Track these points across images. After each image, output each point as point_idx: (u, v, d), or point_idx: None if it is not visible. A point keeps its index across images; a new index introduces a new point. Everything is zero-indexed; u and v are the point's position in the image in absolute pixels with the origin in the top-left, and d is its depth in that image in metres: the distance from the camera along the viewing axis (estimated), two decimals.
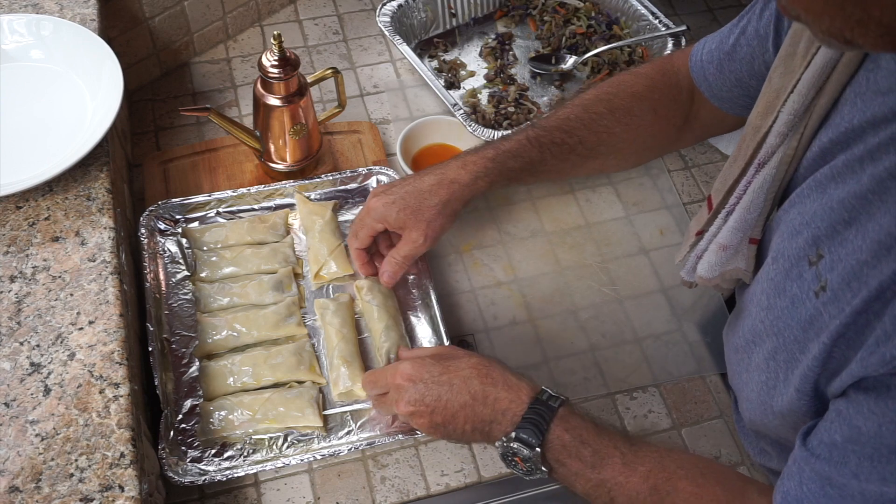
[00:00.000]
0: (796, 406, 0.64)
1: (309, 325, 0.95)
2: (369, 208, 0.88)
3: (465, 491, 0.88)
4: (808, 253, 0.63)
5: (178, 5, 1.13)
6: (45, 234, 0.84)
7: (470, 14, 1.28)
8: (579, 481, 0.70)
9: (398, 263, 0.89)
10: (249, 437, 0.86)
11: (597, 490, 0.69)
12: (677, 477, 0.68)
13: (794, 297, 0.64)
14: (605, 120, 0.88)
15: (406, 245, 0.87)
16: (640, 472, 0.68)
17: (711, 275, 0.77)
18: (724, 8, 1.39)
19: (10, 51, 0.96)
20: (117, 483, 0.69)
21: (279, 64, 0.96)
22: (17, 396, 0.73)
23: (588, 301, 1.02)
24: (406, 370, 0.75)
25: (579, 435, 0.70)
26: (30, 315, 0.78)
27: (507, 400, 0.72)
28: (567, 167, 0.90)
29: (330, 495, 0.86)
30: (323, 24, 1.29)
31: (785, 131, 0.67)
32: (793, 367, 0.64)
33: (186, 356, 0.90)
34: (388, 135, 1.16)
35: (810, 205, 0.64)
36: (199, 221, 1.01)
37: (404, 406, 0.75)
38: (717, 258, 0.76)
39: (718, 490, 0.67)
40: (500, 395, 0.72)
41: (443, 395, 0.73)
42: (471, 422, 0.73)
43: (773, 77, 0.70)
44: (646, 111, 0.88)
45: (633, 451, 0.69)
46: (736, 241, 0.74)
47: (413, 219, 0.85)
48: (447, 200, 0.85)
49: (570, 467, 0.70)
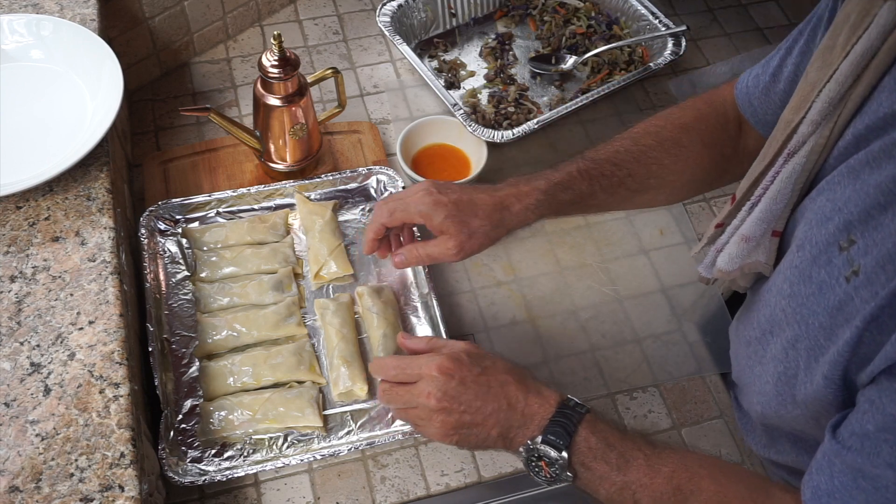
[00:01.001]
0: (822, 395, 0.63)
1: (309, 325, 0.95)
2: (417, 200, 0.83)
3: (465, 491, 0.88)
4: (838, 238, 0.62)
5: (178, 5, 1.13)
6: (45, 234, 0.84)
7: (470, 14, 1.28)
8: (604, 485, 0.70)
9: (419, 258, 0.84)
10: (249, 437, 0.86)
11: (621, 493, 0.69)
12: (700, 476, 0.68)
13: (822, 284, 0.63)
14: (654, 152, 0.86)
15: (438, 248, 0.82)
16: (663, 472, 0.68)
17: (731, 267, 0.76)
18: (724, 8, 1.39)
19: (10, 51, 0.96)
20: (117, 483, 0.69)
21: (279, 64, 0.96)
22: (17, 396, 0.73)
23: (588, 301, 1.02)
24: (445, 364, 0.73)
25: (605, 438, 0.70)
26: (30, 315, 0.78)
27: (536, 405, 0.72)
28: (616, 200, 0.88)
29: (330, 495, 0.86)
30: (323, 24, 1.29)
31: (818, 120, 0.67)
32: (816, 354, 0.64)
33: (186, 356, 0.90)
34: (388, 135, 1.16)
35: (841, 191, 0.64)
36: (199, 221, 1.01)
37: (435, 400, 0.72)
38: (738, 250, 0.75)
39: (741, 488, 0.67)
40: (531, 400, 0.72)
41: (480, 395, 0.72)
42: (499, 426, 0.73)
43: (810, 72, 0.69)
44: (694, 142, 0.87)
45: (655, 453, 0.70)
46: (759, 233, 0.73)
47: (455, 228, 0.81)
48: (495, 225, 0.83)
49: (596, 471, 0.70)
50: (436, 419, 0.73)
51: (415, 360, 0.75)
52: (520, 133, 1.06)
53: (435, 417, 0.73)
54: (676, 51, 1.17)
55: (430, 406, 0.72)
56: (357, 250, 1.01)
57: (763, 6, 1.40)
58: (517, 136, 1.06)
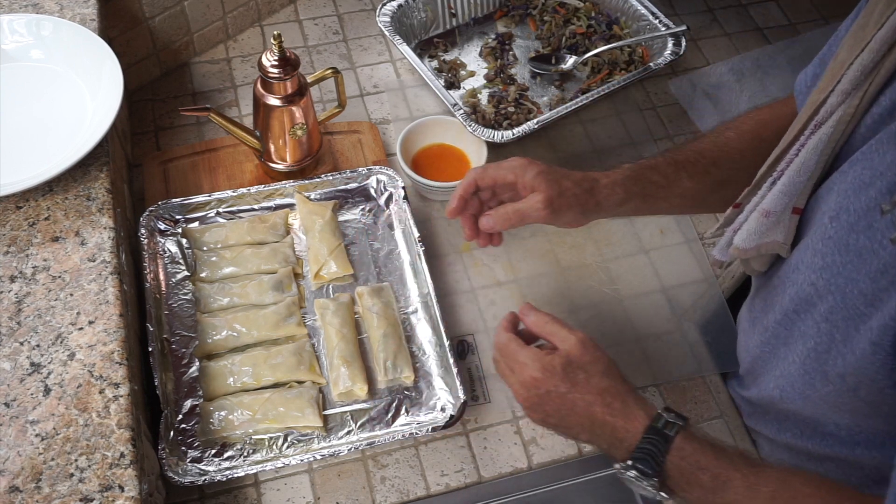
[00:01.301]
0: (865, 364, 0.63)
1: (309, 325, 0.95)
2: (509, 161, 0.83)
3: (465, 491, 0.88)
4: (879, 202, 0.62)
5: (178, 5, 1.13)
6: (45, 234, 0.84)
7: (470, 14, 1.28)
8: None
9: (506, 216, 0.82)
10: (249, 437, 0.86)
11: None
12: (803, 495, 0.66)
13: (862, 250, 0.63)
14: (735, 143, 0.87)
15: (526, 203, 0.81)
16: (763, 493, 0.66)
17: (749, 245, 0.76)
18: (724, 8, 1.39)
19: (10, 51, 0.96)
20: (117, 483, 0.69)
21: (279, 64, 0.96)
22: (17, 396, 0.73)
23: (588, 301, 1.02)
24: (534, 375, 0.74)
25: (696, 461, 0.69)
26: (30, 315, 0.78)
27: (623, 430, 0.72)
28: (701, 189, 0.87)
29: (330, 495, 0.86)
30: (323, 24, 1.29)
31: (848, 89, 0.67)
32: (857, 323, 0.63)
33: (186, 356, 0.90)
34: (388, 135, 1.16)
35: (881, 159, 0.63)
36: (199, 221, 1.01)
37: (522, 399, 0.76)
38: (757, 225, 0.75)
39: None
40: (617, 423, 0.72)
41: (563, 410, 0.74)
42: (586, 436, 0.75)
43: (841, 51, 0.69)
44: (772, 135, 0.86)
45: (754, 472, 0.68)
46: (780, 208, 0.73)
47: (546, 185, 0.80)
48: (585, 191, 0.82)
49: (690, 494, 0.69)
50: (524, 405, 0.77)
51: (516, 355, 0.76)
52: (520, 133, 1.06)
53: (525, 411, 0.77)
54: (676, 51, 1.17)
55: (519, 402, 0.77)
56: (357, 250, 1.02)
57: (763, 6, 1.40)
58: (517, 136, 1.06)
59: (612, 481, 0.89)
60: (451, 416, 0.87)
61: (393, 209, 1.04)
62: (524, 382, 0.75)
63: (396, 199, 1.03)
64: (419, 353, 0.94)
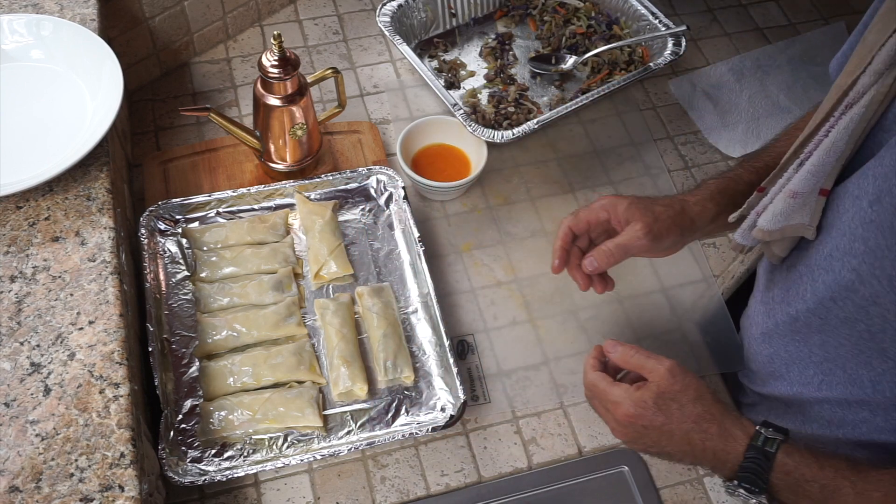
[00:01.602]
0: None
1: (309, 325, 0.95)
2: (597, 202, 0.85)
3: (465, 491, 0.88)
4: None
5: (178, 5, 1.13)
6: (45, 234, 0.84)
7: (470, 14, 1.28)
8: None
9: (609, 252, 0.83)
10: (249, 437, 0.86)
11: None
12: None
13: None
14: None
15: (626, 236, 0.82)
16: (875, 498, 0.67)
17: (774, 226, 0.75)
18: (724, 8, 1.39)
19: (10, 51, 0.96)
20: (117, 483, 0.69)
21: (279, 64, 0.96)
22: (17, 396, 0.73)
23: (588, 301, 1.02)
24: (629, 412, 0.74)
25: (801, 474, 0.69)
26: (30, 315, 0.78)
27: (724, 452, 0.72)
28: None
29: (330, 495, 0.86)
30: (323, 24, 1.29)
31: (881, 69, 0.67)
32: None
33: (186, 356, 0.90)
34: (388, 135, 1.16)
35: None
36: (199, 221, 1.01)
37: (621, 434, 0.77)
38: (784, 206, 0.74)
39: None
40: (717, 447, 0.72)
41: (662, 441, 0.75)
42: (689, 459, 0.75)
43: (868, 36, 0.69)
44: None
45: (862, 478, 0.68)
46: (808, 189, 0.72)
47: (640, 213, 0.82)
48: (677, 212, 0.83)
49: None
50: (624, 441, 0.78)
51: (607, 394, 0.76)
52: (520, 133, 1.06)
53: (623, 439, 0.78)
54: (676, 51, 1.17)
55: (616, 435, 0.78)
56: (357, 250, 1.01)
57: (763, 6, 1.40)
58: (517, 136, 1.06)
59: (612, 481, 0.89)
60: (451, 416, 0.87)
61: (393, 209, 1.04)
62: (620, 420, 0.75)
63: (396, 199, 1.03)
64: (419, 353, 0.94)
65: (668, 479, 0.89)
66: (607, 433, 0.92)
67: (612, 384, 0.77)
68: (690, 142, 1.20)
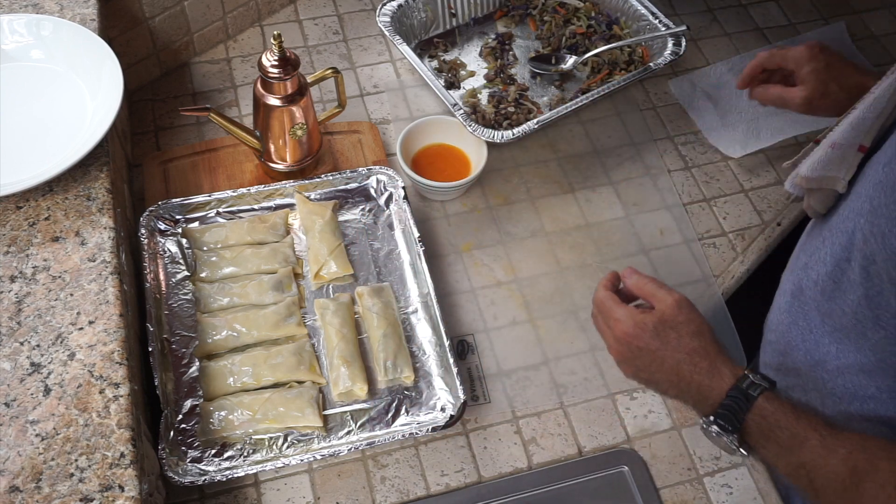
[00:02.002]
0: None
1: (309, 325, 0.95)
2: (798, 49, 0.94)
3: (465, 491, 0.88)
4: None
5: (178, 5, 1.13)
6: (45, 234, 0.84)
7: (470, 14, 1.28)
8: (779, 463, 0.72)
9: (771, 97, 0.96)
10: (249, 437, 0.86)
11: (796, 472, 0.70)
12: (879, 458, 0.66)
13: None
14: None
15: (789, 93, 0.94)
16: (839, 453, 0.68)
17: (812, 173, 0.77)
18: (724, 8, 1.39)
19: (10, 51, 0.96)
20: (117, 483, 0.69)
21: (279, 64, 0.96)
22: (17, 396, 0.73)
23: (588, 301, 1.01)
24: (627, 330, 0.77)
25: (776, 420, 0.71)
26: (30, 315, 0.78)
27: (708, 388, 0.74)
28: None
29: (330, 495, 0.86)
30: (323, 24, 1.29)
31: None
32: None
33: (186, 356, 0.90)
34: (388, 135, 1.16)
35: None
36: (199, 221, 1.01)
37: (615, 352, 0.79)
38: (823, 155, 0.76)
39: None
40: (703, 382, 0.74)
41: (652, 366, 0.77)
42: (674, 391, 0.77)
43: None
44: None
45: (832, 434, 0.69)
46: (847, 141, 0.74)
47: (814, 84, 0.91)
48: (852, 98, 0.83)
49: (769, 450, 0.71)
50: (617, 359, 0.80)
51: (612, 311, 0.79)
52: (520, 133, 1.06)
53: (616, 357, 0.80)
54: (676, 51, 1.17)
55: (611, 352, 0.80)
56: (357, 250, 1.01)
57: (763, 6, 1.40)
58: (517, 136, 1.06)
59: (612, 481, 0.89)
60: (451, 416, 0.87)
61: (393, 209, 1.04)
62: (618, 337, 0.78)
63: (396, 199, 1.03)
64: (419, 353, 0.94)
65: (668, 479, 0.89)
66: (607, 433, 0.92)
67: (618, 304, 0.80)
68: (690, 142, 1.20)
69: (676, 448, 0.92)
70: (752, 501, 0.89)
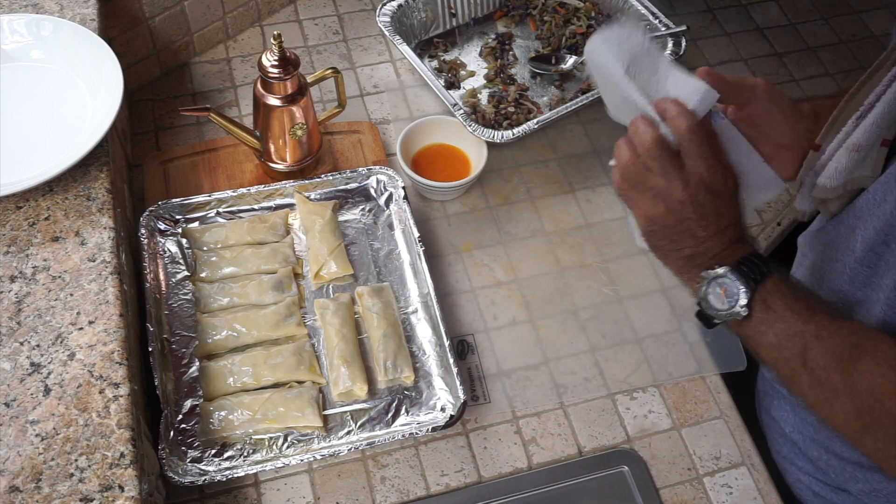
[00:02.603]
0: None
1: (309, 325, 0.95)
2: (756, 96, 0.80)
3: (465, 491, 0.88)
4: None
5: (178, 5, 1.13)
6: (45, 234, 0.84)
7: (470, 14, 1.28)
8: (774, 328, 0.68)
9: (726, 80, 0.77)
10: (249, 437, 0.86)
11: (791, 340, 0.67)
12: (882, 339, 0.65)
13: None
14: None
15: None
16: (844, 329, 0.66)
17: (836, 182, 0.74)
18: (724, 8, 1.39)
19: (10, 51, 0.96)
20: (117, 483, 0.69)
21: (279, 64, 0.96)
22: (17, 396, 0.73)
23: (588, 301, 1.02)
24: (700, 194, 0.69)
25: (796, 287, 0.69)
26: (30, 315, 0.78)
27: (733, 248, 0.70)
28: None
29: (330, 495, 0.86)
30: (323, 24, 1.29)
31: None
32: None
33: (186, 356, 0.90)
34: (388, 135, 1.16)
35: None
36: (199, 221, 1.01)
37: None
38: (847, 161, 0.73)
39: None
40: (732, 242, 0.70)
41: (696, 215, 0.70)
42: (694, 248, 0.71)
43: None
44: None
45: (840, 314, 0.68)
46: (871, 141, 0.72)
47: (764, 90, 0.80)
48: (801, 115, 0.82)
49: (776, 311, 0.68)
50: (665, 201, 0.70)
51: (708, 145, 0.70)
52: (520, 133, 1.06)
53: (667, 199, 0.70)
54: (676, 51, 1.17)
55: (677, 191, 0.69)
56: (357, 250, 1.01)
57: (763, 6, 1.40)
58: (517, 136, 1.06)
59: (612, 481, 0.89)
60: (451, 416, 0.87)
61: (393, 209, 1.04)
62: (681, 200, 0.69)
63: (396, 199, 1.03)
64: (419, 353, 0.94)
65: (667, 479, 0.90)
66: (607, 433, 0.92)
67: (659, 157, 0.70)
68: None
69: (676, 448, 0.92)
70: (752, 501, 0.89)
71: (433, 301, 0.94)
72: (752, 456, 0.92)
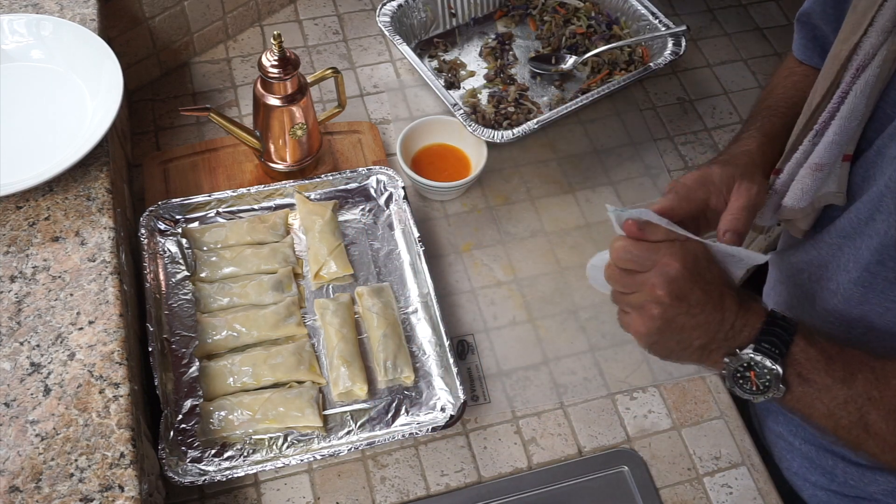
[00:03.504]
0: None
1: (309, 325, 0.95)
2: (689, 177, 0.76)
3: (465, 491, 0.88)
4: None
5: (178, 5, 1.14)
6: (45, 234, 0.84)
7: (470, 14, 1.28)
8: (823, 399, 0.65)
9: (738, 217, 0.73)
10: (249, 437, 0.86)
11: (845, 408, 0.65)
12: None
13: None
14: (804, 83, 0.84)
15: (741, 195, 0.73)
16: (891, 376, 0.64)
17: (803, 203, 0.74)
18: (724, 8, 1.39)
19: (10, 51, 0.96)
20: (117, 483, 0.69)
21: (279, 64, 0.96)
22: (17, 396, 0.73)
23: (588, 301, 1.02)
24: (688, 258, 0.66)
25: (824, 349, 0.65)
26: (30, 315, 0.78)
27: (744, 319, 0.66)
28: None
29: (330, 495, 0.86)
30: (323, 24, 1.29)
31: (889, 27, 0.66)
32: None
33: (186, 356, 0.90)
34: (388, 135, 1.16)
35: None
36: (199, 221, 1.01)
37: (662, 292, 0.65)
38: (812, 181, 0.73)
39: None
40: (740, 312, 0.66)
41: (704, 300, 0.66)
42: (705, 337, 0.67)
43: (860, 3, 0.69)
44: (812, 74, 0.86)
45: (881, 365, 0.65)
46: (832, 159, 0.72)
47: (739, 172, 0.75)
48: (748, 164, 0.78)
49: (816, 383, 0.65)
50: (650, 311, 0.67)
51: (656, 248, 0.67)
52: (520, 133, 1.06)
53: (650, 309, 0.66)
54: (676, 51, 1.17)
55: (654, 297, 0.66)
56: (357, 250, 1.01)
57: (763, 6, 1.40)
58: (517, 136, 1.06)
59: (612, 481, 0.89)
60: (451, 416, 0.87)
61: (393, 209, 1.04)
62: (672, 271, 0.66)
63: (396, 199, 1.03)
64: (419, 353, 0.94)
65: (667, 479, 0.90)
66: (607, 433, 0.92)
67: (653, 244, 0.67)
68: (690, 142, 1.20)
69: (676, 448, 0.92)
70: (752, 501, 0.89)
71: (433, 301, 0.94)
72: (752, 456, 0.92)
